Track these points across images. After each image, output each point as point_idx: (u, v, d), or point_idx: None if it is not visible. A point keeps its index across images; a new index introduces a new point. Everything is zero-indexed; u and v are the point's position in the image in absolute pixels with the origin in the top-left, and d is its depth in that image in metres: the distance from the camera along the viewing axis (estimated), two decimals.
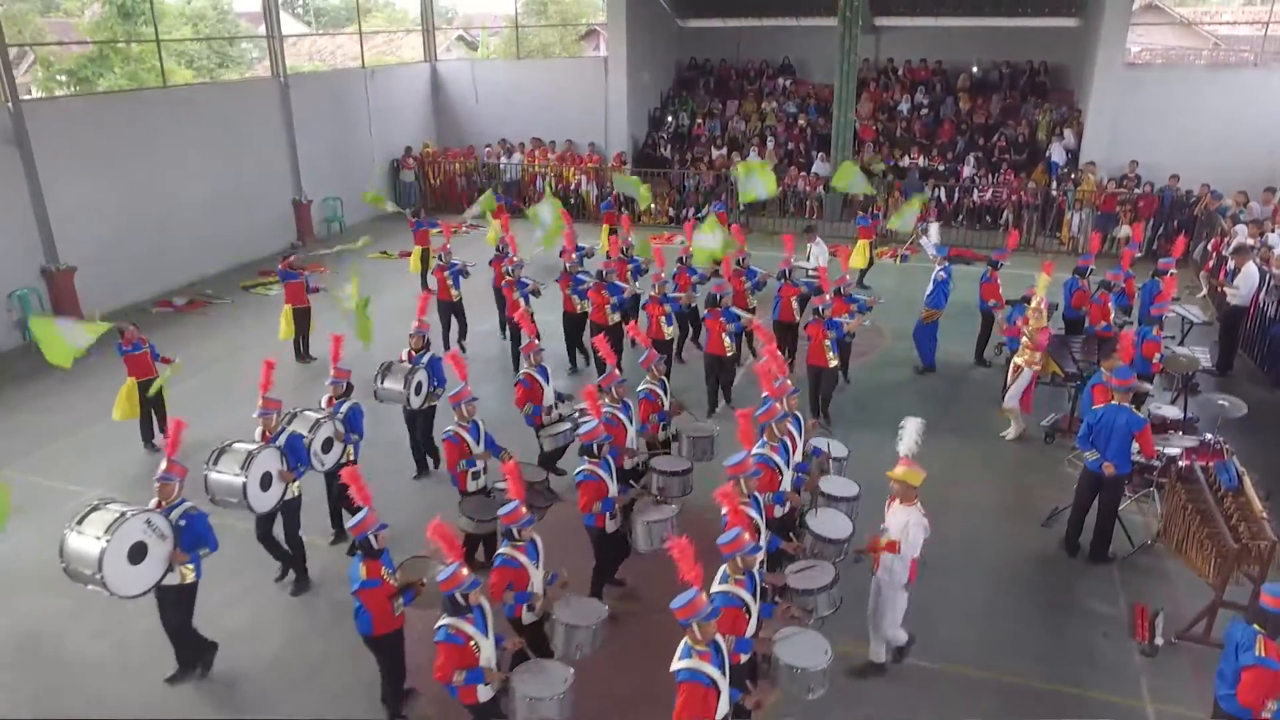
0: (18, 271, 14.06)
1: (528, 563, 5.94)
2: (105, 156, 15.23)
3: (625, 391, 8.08)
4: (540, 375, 8.92)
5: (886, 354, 13.49)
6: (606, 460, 7.08)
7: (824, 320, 10.19)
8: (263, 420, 7.71)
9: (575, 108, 22.78)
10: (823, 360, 10.36)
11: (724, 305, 10.64)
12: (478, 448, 7.69)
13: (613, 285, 11.78)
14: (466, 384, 7.81)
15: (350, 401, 8.54)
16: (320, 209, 20.27)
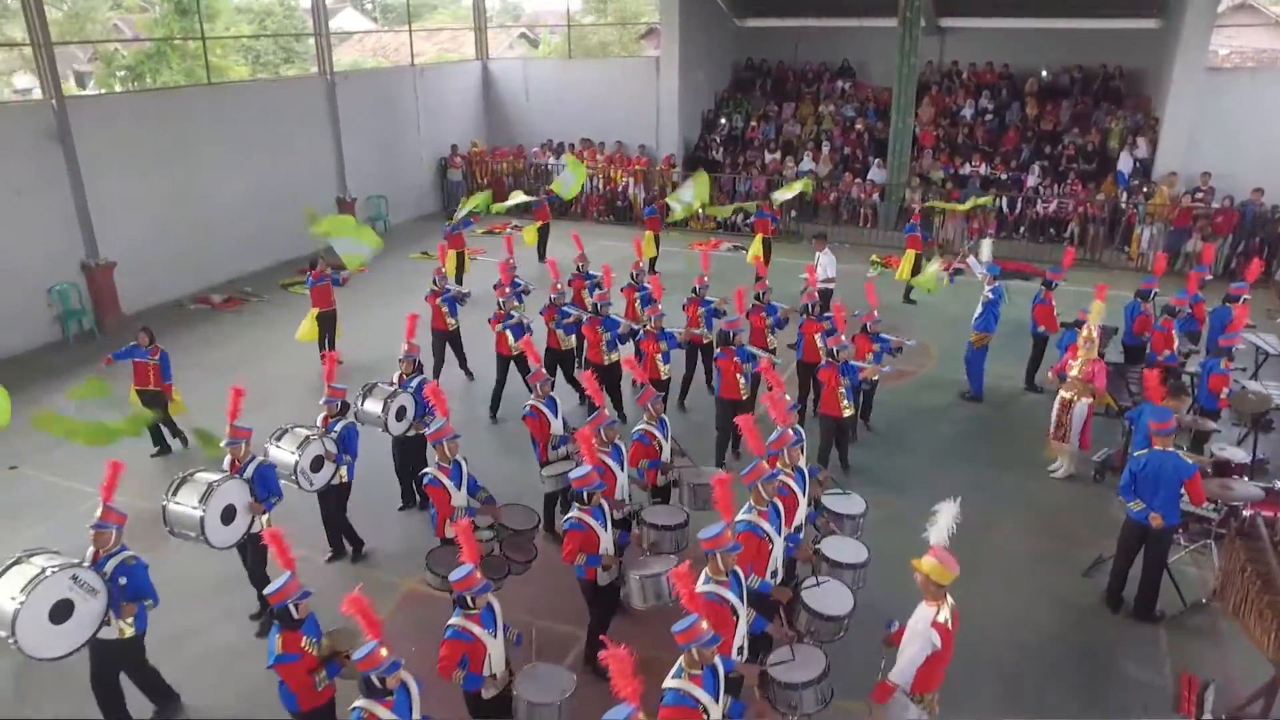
0: (58, 266, 14.20)
1: (482, 634, 5.38)
2: (147, 153, 15.31)
3: (616, 434, 7.48)
4: (548, 408, 8.28)
5: (931, 376, 12.75)
6: (600, 507, 6.56)
7: (838, 364, 9.08)
8: (230, 450, 7.31)
9: (626, 108, 22.36)
10: (836, 410, 9.26)
11: (738, 343, 9.55)
12: (459, 493, 7.15)
13: (563, 310, 10.97)
14: (447, 420, 7.28)
15: (345, 420, 8.22)
16: (365, 207, 20.21)
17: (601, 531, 6.49)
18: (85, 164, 14.23)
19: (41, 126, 13.73)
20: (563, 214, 21.83)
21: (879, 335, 10.16)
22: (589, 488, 6.43)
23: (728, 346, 9.45)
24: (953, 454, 10.52)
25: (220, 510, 6.92)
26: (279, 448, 7.76)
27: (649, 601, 6.35)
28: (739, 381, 9.39)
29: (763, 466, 6.45)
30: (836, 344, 9.11)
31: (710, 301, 11.24)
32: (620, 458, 7.39)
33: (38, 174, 13.75)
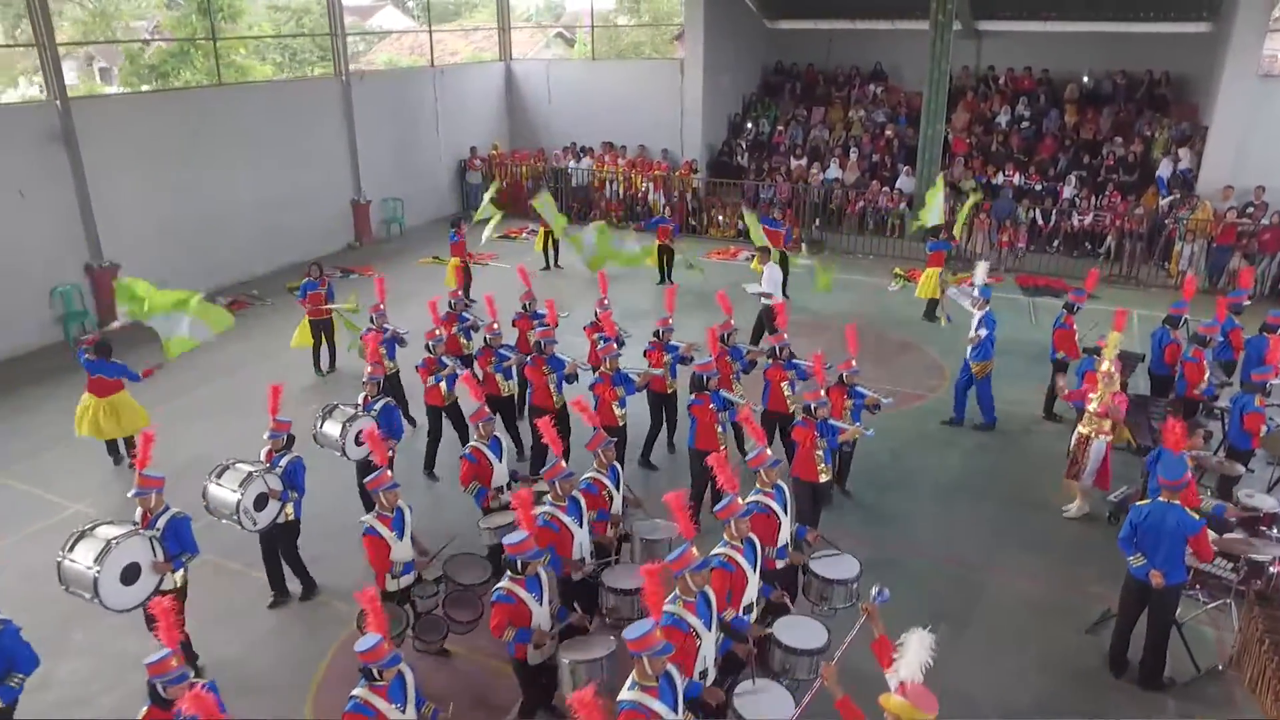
0: (61, 268, 14.13)
1: (386, 709, 4.93)
2: (153, 155, 15.18)
3: (574, 486, 6.83)
4: (491, 451, 7.72)
5: (942, 401, 12.06)
6: (536, 578, 5.96)
7: (815, 421, 7.92)
8: (140, 501, 6.76)
9: (649, 111, 21.88)
10: (812, 474, 8.04)
11: (712, 388, 8.56)
12: (400, 544, 6.62)
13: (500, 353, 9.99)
14: (386, 468, 6.77)
15: (291, 455, 7.71)
16: (380, 210, 19.99)
17: (535, 605, 5.89)
18: (89, 165, 14.13)
19: (45, 127, 13.64)
20: (583, 218, 21.45)
21: (855, 388, 8.90)
22: (523, 556, 5.83)
23: (702, 393, 8.55)
24: (958, 488, 9.90)
25: (120, 570, 6.36)
26: (219, 485, 7.32)
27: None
28: (716, 431, 8.52)
29: (737, 504, 5.99)
30: (814, 399, 7.93)
31: (676, 347, 10.03)
32: (579, 513, 6.78)
33: (42, 175, 13.67)
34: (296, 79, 22.66)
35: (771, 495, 6.58)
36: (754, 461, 6.62)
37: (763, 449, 6.69)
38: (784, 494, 6.71)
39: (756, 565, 6.11)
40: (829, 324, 14.85)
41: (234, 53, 22.77)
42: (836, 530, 8.92)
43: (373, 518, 6.60)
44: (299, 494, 7.72)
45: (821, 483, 8.12)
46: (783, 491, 6.71)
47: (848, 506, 9.51)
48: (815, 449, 7.90)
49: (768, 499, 6.56)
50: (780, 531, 6.62)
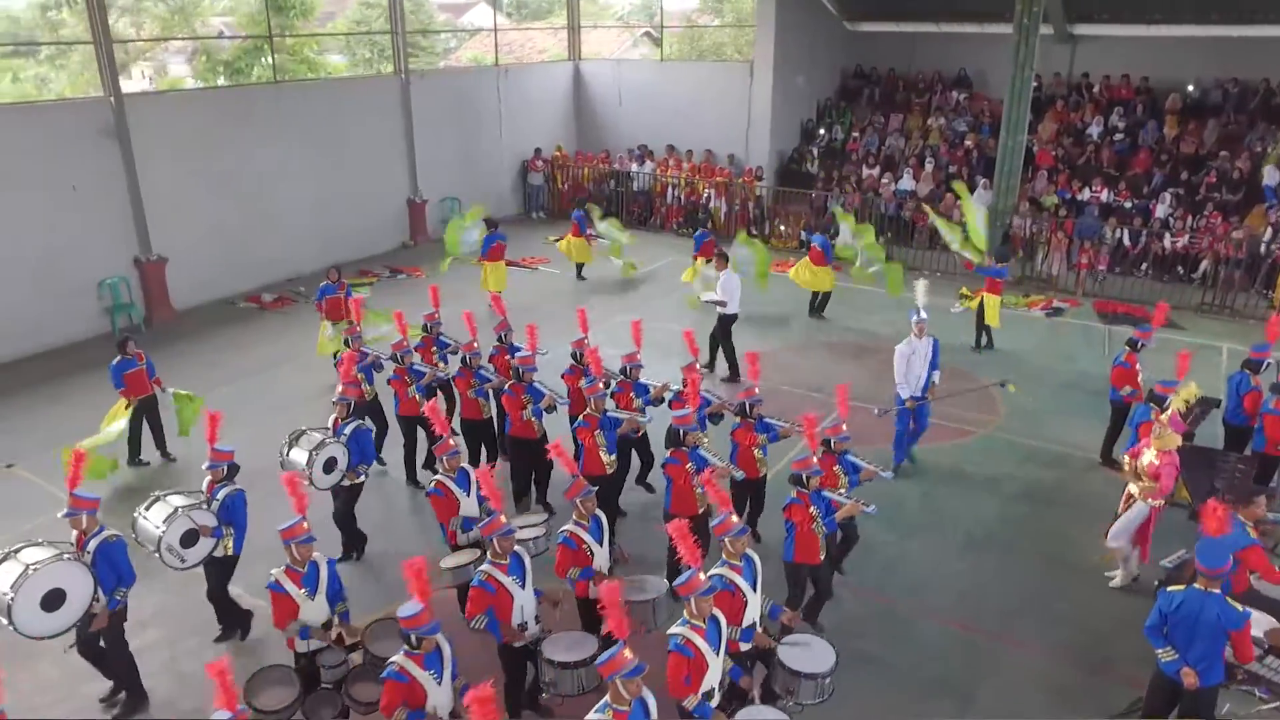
0: (110, 260, 14.37)
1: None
2: (204, 151, 15.33)
3: (513, 544, 6.19)
4: (459, 485, 7.16)
5: (991, 438, 11.10)
6: (437, 652, 5.37)
7: (809, 494, 6.86)
8: (71, 522, 6.45)
9: (717, 114, 21.18)
10: (813, 555, 6.98)
11: (690, 445, 7.50)
12: (310, 603, 6.06)
13: (480, 374, 9.30)
14: (303, 517, 6.17)
15: (232, 487, 7.23)
16: (437, 209, 19.88)
17: (432, 684, 5.30)
18: (141, 161, 14.33)
19: (99, 123, 13.87)
20: (642, 224, 20.97)
21: (846, 456, 7.72)
22: (417, 631, 5.25)
23: (679, 449, 7.50)
24: (989, 539, 8.97)
25: (40, 596, 6.05)
26: (145, 519, 6.99)
27: None
28: (695, 494, 7.48)
29: (698, 579, 5.36)
30: (805, 468, 6.90)
31: (646, 387, 9.09)
32: (522, 572, 6.16)
33: (94, 170, 13.92)
34: (354, 77, 22.71)
35: (738, 569, 5.91)
36: (718, 529, 5.94)
37: (726, 515, 5.99)
38: (753, 567, 6.03)
39: (720, 648, 5.52)
40: (879, 346, 13.99)
41: (307, 48, 23.08)
42: (839, 577, 8.24)
43: (280, 571, 6.08)
44: (237, 529, 7.24)
45: (821, 564, 7.14)
46: (752, 564, 6.03)
47: (862, 553, 8.71)
48: (811, 525, 6.89)
49: (733, 573, 5.88)
50: (747, 610, 5.92)
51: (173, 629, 7.87)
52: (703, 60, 28.52)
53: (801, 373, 12.98)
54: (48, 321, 13.49)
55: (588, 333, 9.68)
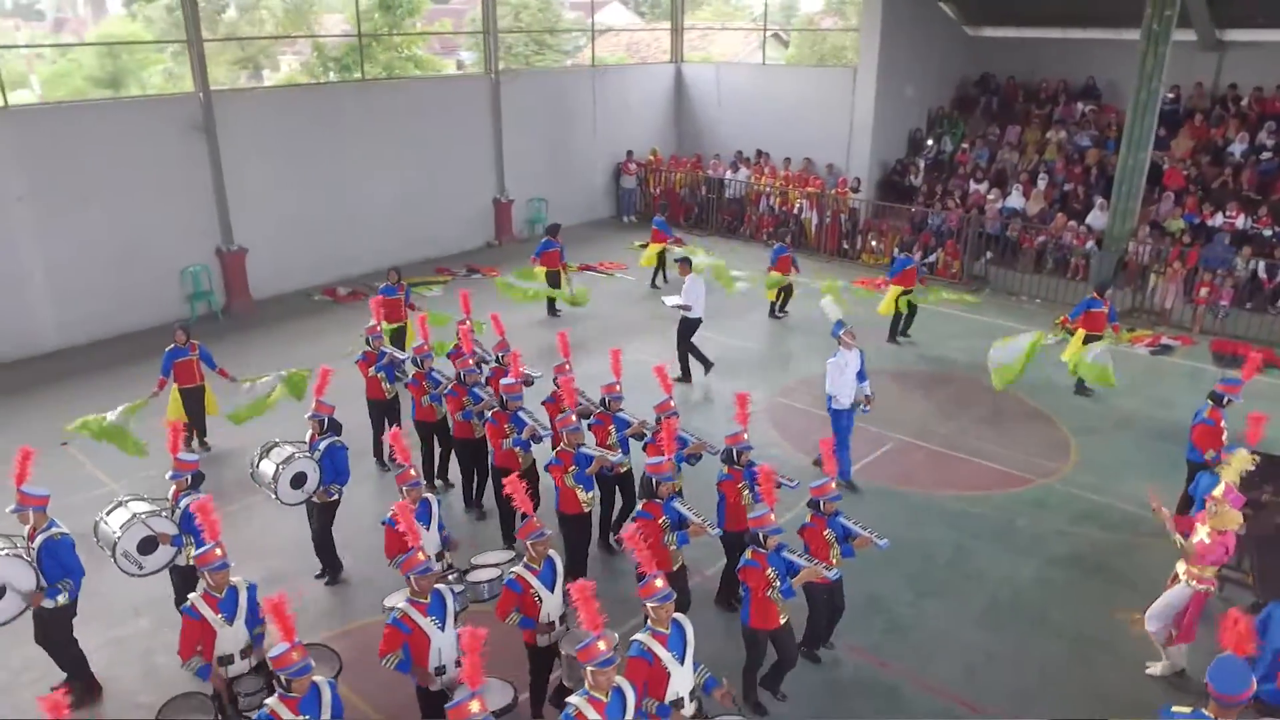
0: (193, 249, 14.98)
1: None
2: (289, 147, 15.76)
3: (433, 581, 5.87)
4: (418, 517, 6.73)
5: (1050, 489, 9.99)
6: (313, 697, 5.08)
7: (766, 554, 6.22)
8: (18, 517, 6.51)
9: (818, 122, 20.30)
10: (773, 621, 6.34)
11: (663, 495, 6.91)
12: (227, 629, 5.85)
13: (474, 394, 8.84)
14: (217, 543, 5.94)
15: (194, 496, 7.01)
16: (524, 209, 19.88)
17: None
18: (227, 155, 14.87)
19: (188, 117, 14.46)
20: (732, 233, 20.37)
21: (835, 517, 6.87)
22: (287, 672, 4.93)
23: (652, 501, 6.89)
24: (1018, 607, 8.01)
25: None
26: (105, 523, 6.99)
27: None
28: (669, 552, 6.85)
29: (596, 648, 4.89)
30: (762, 525, 6.21)
31: (626, 421, 8.47)
32: (442, 612, 5.84)
33: (182, 162, 14.53)
34: (443, 76, 23.01)
35: (663, 638, 5.39)
36: (641, 592, 5.44)
37: (651, 578, 5.42)
38: (683, 636, 5.47)
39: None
40: (952, 376, 13.04)
41: (413, 46, 23.60)
42: (839, 634, 7.52)
43: (198, 596, 5.90)
44: (196, 539, 7.12)
45: (780, 628, 6.43)
46: (682, 633, 5.48)
47: (864, 605, 7.95)
48: (769, 589, 6.21)
49: (655, 641, 5.37)
50: (671, 682, 5.37)
51: (161, 621, 7.94)
52: (815, 65, 27.47)
53: None
54: (131, 306, 14.15)
55: (569, 356, 9.21)
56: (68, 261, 13.55)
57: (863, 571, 8.43)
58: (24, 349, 13.32)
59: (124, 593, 7.97)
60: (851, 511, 9.26)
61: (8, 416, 11.79)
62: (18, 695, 7.11)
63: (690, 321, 12.47)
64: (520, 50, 34.37)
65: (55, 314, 13.53)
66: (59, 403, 11.90)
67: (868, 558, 8.51)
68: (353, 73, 21.41)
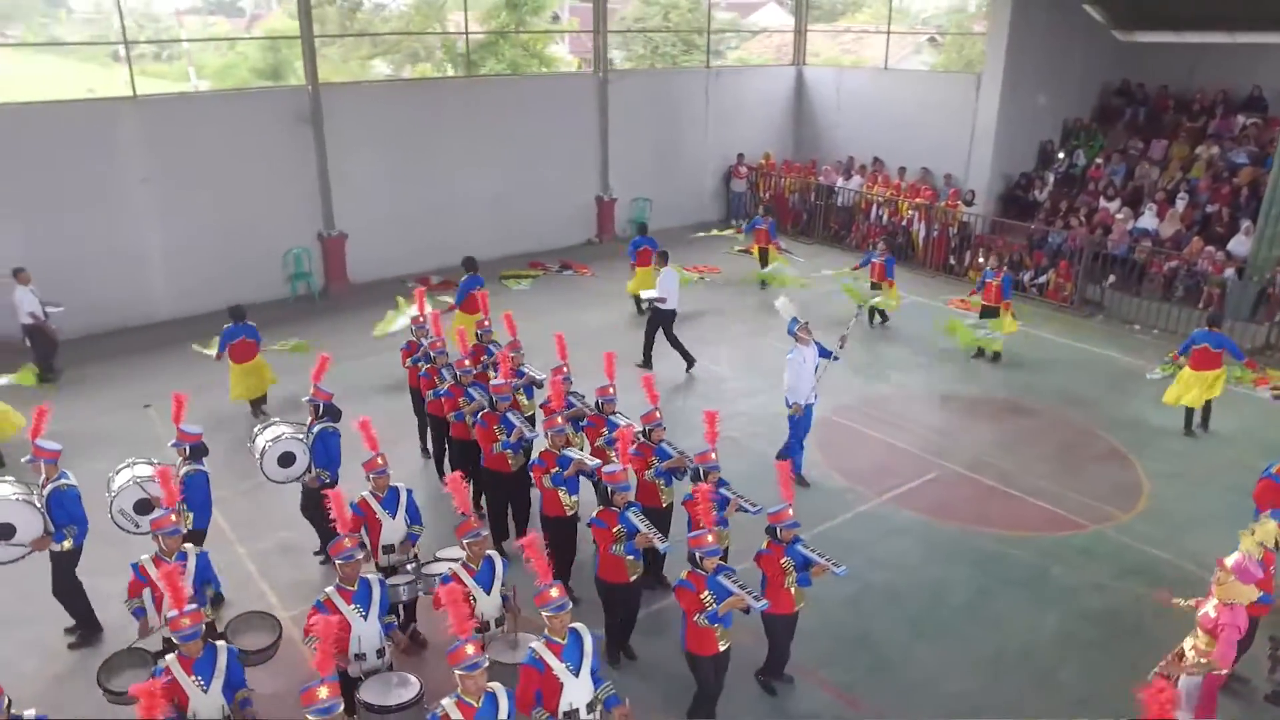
0: (297, 233, 15.86)
1: None
2: (393, 139, 16.39)
3: (357, 571, 5.97)
4: (386, 505, 6.94)
5: (1103, 537, 9.06)
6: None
7: (705, 577, 5.97)
8: (31, 468, 7.16)
9: (938, 130, 19.27)
10: (710, 647, 6.10)
11: (619, 504, 6.79)
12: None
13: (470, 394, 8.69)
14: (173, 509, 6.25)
15: (192, 467, 7.44)
16: (628, 208, 19.91)
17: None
18: (332, 145, 15.65)
19: (297, 109, 15.33)
20: (838, 242, 19.68)
21: (795, 545, 6.46)
22: (179, 634, 5.10)
23: (606, 509, 6.80)
24: (1024, 662, 7.29)
25: None
26: (112, 479, 7.47)
27: None
28: (624, 562, 6.72)
29: (464, 651, 4.86)
30: (700, 547, 5.98)
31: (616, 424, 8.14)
32: (367, 601, 5.93)
33: (289, 150, 15.41)
34: (550, 74, 23.20)
35: (557, 647, 5.27)
36: (537, 600, 5.34)
37: (546, 587, 5.32)
38: (580, 647, 5.32)
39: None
40: (1032, 408, 12.09)
41: (538, 44, 24.12)
42: (807, 665, 7.09)
43: (148, 558, 6.20)
44: (193, 508, 7.40)
45: (719, 653, 6.13)
46: (579, 643, 5.33)
47: (852, 639, 7.46)
48: (698, 614, 5.95)
49: (548, 650, 5.26)
50: (563, 694, 5.23)
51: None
52: (924, 71, 26.14)
53: (908, 428, 11.39)
54: (237, 282, 15.01)
55: (565, 359, 9.04)
56: (182, 239, 14.65)
57: (859, 604, 8.01)
58: (140, 317, 14.47)
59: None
60: (867, 537, 8.86)
61: (114, 377, 12.84)
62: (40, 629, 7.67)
63: (663, 313, 12.75)
64: (667, 50, 34.49)
65: (168, 286, 14.64)
66: (159, 368, 12.86)
67: (870, 590, 8.14)
68: (478, 68, 22.05)
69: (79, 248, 13.56)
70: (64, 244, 13.37)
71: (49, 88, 16.32)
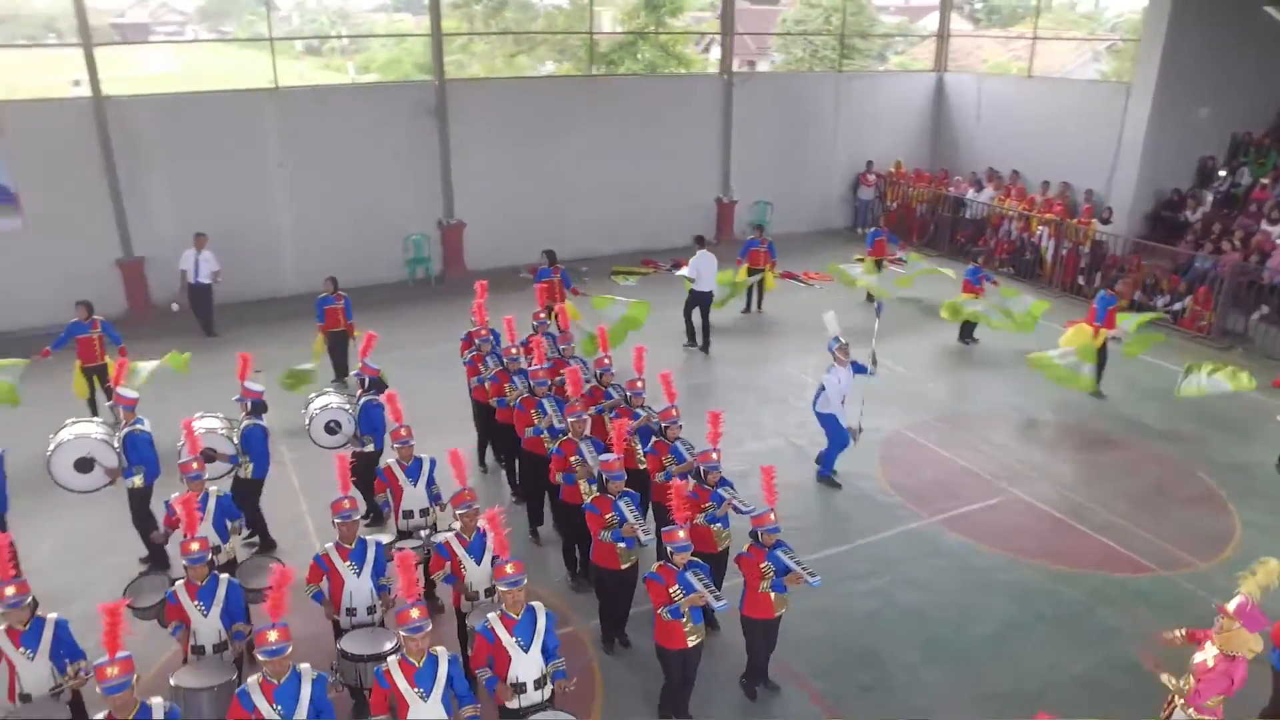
0: (418, 219, 16.78)
1: None
2: (513, 134, 17.00)
3: (355, 531, 6.43)
4: (409, 474, 7.39)
5: (1167, 583, 8.30)
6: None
7: (675, 572, 5.96)
8: (113, 410, 8.21)
9: (1081, 142, 18.09)
10: (677, 640, 6.07)
11: (614, 492, 6.87)
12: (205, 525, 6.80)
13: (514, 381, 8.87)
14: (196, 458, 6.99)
15: (252, 421, 8.23)
16: (749, 211, 19.81)
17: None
18: (455, 137, 16.45)
19: (423, 103, 16.20)
20: (964, 256, 18.80)
21: (775, 551, 6.37)
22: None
23: (602, 496, 6.89)
24: (1034, 706, 6.72)
25: (73, 460, 7.95)
26: (197, 421, 8.18)
27: None
28: (615, 549, 6.82)
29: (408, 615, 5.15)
30: (673, 542, 6.00)
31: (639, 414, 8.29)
32: (361, 560, 6.36)
33: (414, 141, 16.30)
34: (674, 75, 23.18)
35: (510, 621, 5.46)
36: (496, 572, 5.61)
37: (503, 561, 5.54)
38: (533, 624, 5.48)
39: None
40: (1129, 441, 11.24)
41: (677, 44, 24.29)
42: (803, 673, 6.96)
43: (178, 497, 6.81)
44: (253, 458, 8.22)
45: (690, 648, 6.12)
46: (533, 620, 5.50)
47: (858, 655, 7.22)
48: (660, 608, 6.01)
49: (500, 624, 5.45)
50: (511, 666, 5.41)
51: None
52: (1068, 79, 24.41)
53: (983, 450, 10.84)
54: (359, 263, 16.03)
55: (607, 350, 9.18)
56: (311, 220, 15.81)
57: (877, 620, 7.80)
58: (270, 290, 15.71)
59: None
60: (904, 555, 8.57)
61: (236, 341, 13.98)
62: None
63: (699, 294, 13.51)
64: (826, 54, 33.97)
65: (296, 263, 15.80)
66: (279, 338, 13.84)
67: (892, 608, 7.91)
68: (616, 68, 22.55)
69: (222, 224, 14.84)
70: (211, 219, 14.65)
71: (244, 78, 17.80)
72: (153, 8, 40.00)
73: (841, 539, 9.02)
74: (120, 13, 37.90)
